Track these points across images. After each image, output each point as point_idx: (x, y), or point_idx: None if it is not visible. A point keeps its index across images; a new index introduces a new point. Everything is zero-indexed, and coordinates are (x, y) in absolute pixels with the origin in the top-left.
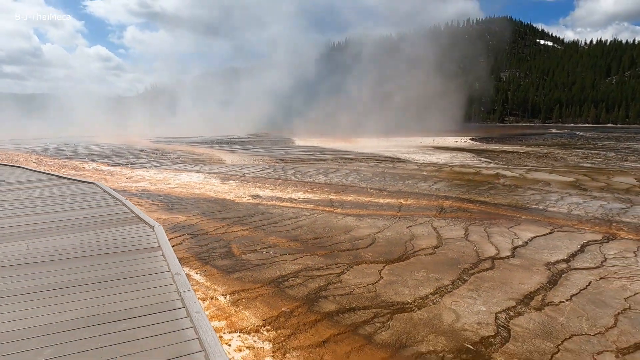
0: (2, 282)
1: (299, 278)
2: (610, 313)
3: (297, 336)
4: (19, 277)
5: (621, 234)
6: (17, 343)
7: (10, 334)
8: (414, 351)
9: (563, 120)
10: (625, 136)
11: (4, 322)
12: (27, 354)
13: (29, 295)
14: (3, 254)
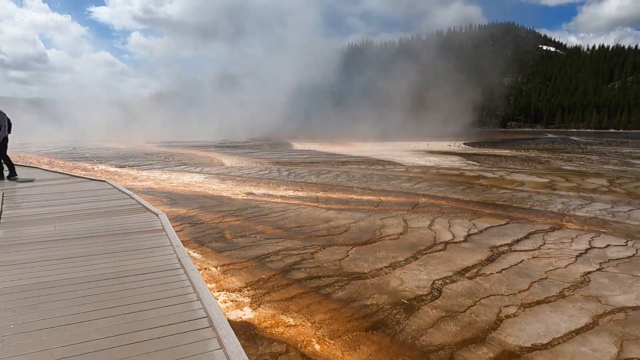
0: (39, 252)
1: (279, 255)
2: (528, 281)
3: (271, 294)
4: (51, 249)
5: (568, 225)
6: (58, 288)
7: (52, 284)
8: (360, 304)
9: (565, 125)
10: (618, 141)
11: (47, 277)
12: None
13: (61, 260)
14: (37, 233)
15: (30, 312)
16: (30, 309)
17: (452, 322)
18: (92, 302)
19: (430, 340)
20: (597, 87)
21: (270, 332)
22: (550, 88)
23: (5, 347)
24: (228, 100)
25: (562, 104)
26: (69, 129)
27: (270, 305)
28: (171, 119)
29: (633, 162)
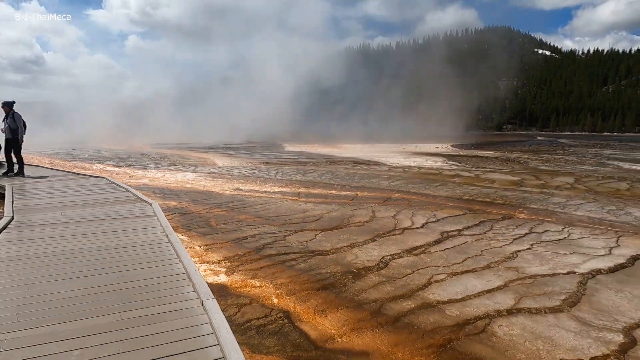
0: (49, 231)
1: (255, 238)
2: (464, 257)
3: (244, 265)
4: (59, 229)
5: (519, 215)
6: (67, 256)
7: (62, 253)
8: (317, 272)
9: (560, 128)
10: (605, 143)
11: (57, 248)
12: (74, 260)
13: (68, 237)
14: (47, 218)
15: (48, 271)
16: (47, 269)
17: (389, 285)
18: (95, 266)
19: (367, 296)
20: (591, 91)
21: (239, 290)
22: (545, 91)
23: (32, 292)
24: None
25: (557, 108)
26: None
27: (241, 273)
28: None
29: (607, 163)
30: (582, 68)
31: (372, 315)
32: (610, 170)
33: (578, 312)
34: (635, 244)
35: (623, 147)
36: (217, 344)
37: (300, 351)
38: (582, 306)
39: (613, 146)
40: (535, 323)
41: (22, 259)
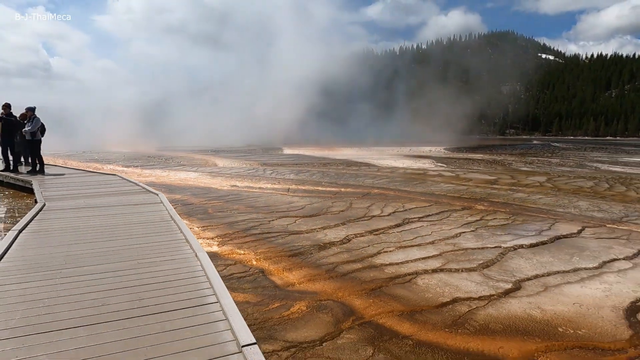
0: (75, 212)
1: (245, 222)
2: (415, 236)
3: (232, 240)
4: (83, 211)
5: (477, 206)
6: (91, 229)
7: (86, 228)
8: (290, 245)
9: (563, 132)
10: (597, 147)
11: (82, 224)
12: (96, 233)
13: (90, 217)
14: (72, 204)
15: (79, 237)
16: (78, 236)
17: (346, 254)
18: (113, 235)
19: (326, 261)
20: (594, 95)
21: (227, 256)
22: (548, 96)
23: (70, 251)
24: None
25: (559, 112)
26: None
27: (230, 245)
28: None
29: (587, 165)
30: (586, 72)
31: (326, 272)
32: (587, 171)
33: (487, 271)
34: (564, 228)
35: (614, 150)
36: (206, 280)
37: (267, 291)
38: (493, 268)
39: (604, 150)
40: (450, 277)
41: (59, 230)
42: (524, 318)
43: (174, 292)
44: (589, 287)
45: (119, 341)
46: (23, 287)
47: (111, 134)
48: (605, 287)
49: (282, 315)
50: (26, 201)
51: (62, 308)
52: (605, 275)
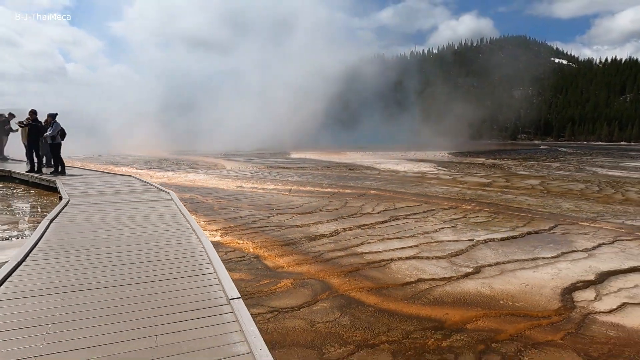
0: (96, 207)
1: (246, 217)
2: (397, 230)
3: (233, 232)
4: (103, 206)
5: (464, 206)
6: (111, 220)
7: (108, 220)
8: (285, 237)
9: (576, 138)
10: (604, 152)
11: (107, 215)
12: (115, 223)
13: (109, 210)
14: (93, 200)
15: (102, 225)
16: (102, 224)
17: (333, 244)
18: (130, 225)
19: (314, 249)
20: (608, 100)
21: (228, 244)
22: (561, 101)
23: (96, 236)
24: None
25: (572, 117)
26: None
27: (231, 236)
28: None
29: (586, 169)
30: (600, 77)
31: (312, 258)
32: (583, 175)
33: (454, 259)
34: (538, 225)
35: (620, 155)
36: (207, 257)
37: (260, 271)
38: (460, 256)
39: (610, 154)
40: (420, 263)
41: (83, 220)
42: (473, 294)
43: (180, 265)
44: (540, 272)
45: (137, 297)
46: (59, 262)
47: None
48: (554, 272)
49: (270, 289)
50: (50, 198)
51: (90, 276)
52: (559, 263)
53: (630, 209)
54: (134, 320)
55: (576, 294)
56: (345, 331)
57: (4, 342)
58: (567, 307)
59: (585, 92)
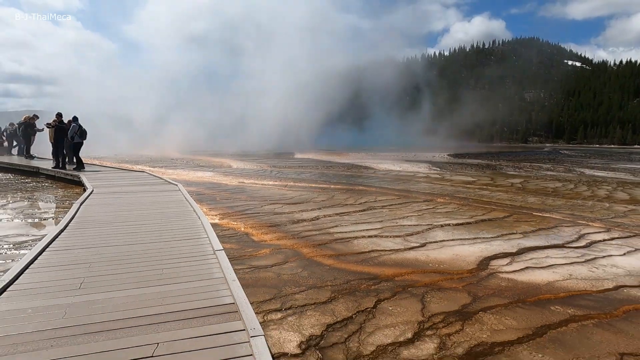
0: (117, 195)
1: (243, 206)
2: (370, 217)
3: (230, 216)
4: (122, 195)
5: (438, 199)
6: (130, 204)
7: (127, 203)
8: (272, 220)
9: (588, 141)
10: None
11: (125, 201)
12: (131, 208)
13: (127, 197)
14: (112, 190)
15: (122, 208)
16: (121, 208)
17: (311, 226)
18: (144, 209)
19: (294, 230)
20: (622, 103)
21: (224, 225)
22: (573, 103)
23: (116, 219)
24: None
25: (584, 120)
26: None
27: (227, 219)
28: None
29: (575, 170)
30: (613, 79)
31: (292, 235)
32: (568, 175)
33: (409, 237)
34: (495, 215)
35: (620, 158)
36: (203, 229)
37: (246, 243)
38: (414, 236)
39: (609, 157)
40: (379, 240)
41: (105, 204)
42: (410, 260)
43: (181, 233)
44: (473, 247)
45: (147, 252)
46: (89, 231)
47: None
48: (485, 247)
49: (251, 254)
50: (75, 190)
51: (112, 240)
52: (493, 241)
53: (588, 203)
54: (146, 266)
55: (493, 261)
56: (302, 279)
57: (61, 272)
58: (480, 269)
59: (599, 95)
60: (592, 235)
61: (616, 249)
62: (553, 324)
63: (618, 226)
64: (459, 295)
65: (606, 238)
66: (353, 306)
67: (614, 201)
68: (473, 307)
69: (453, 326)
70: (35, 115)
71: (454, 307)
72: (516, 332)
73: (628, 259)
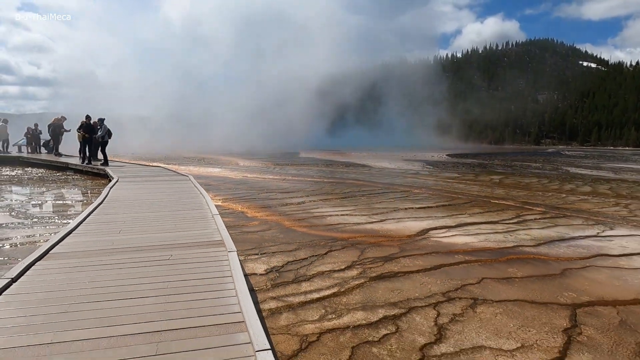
0: (137, 184)
1: (242, 194)
2: (348, 202)
3: (231, 201)
4: (142, 183)
5: (414, 191)
6: (149, 189)
7: (147, 188)
8: (265, 203)
9: (602, 142)
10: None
11: (145, 186)
12: (146, 194)
13: (147, 185)
14: (134, 180)
15: (142, 191)
16: (141, 192)
17: (296, 207)
18: (160, 194)
19: (282, 210)
20: (637, 104)
21: (225, 206)
22: (587, 105)
23: (137, 198)
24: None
25: (599, 121)
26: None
27: (228, 202)
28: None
29: (562, 168)
30: (629, 80)
31: (279, 213)
32: (552, 173)
33: (374, 216)
34: (456, 202)
35: (618, 159)
36: (209, 209)
37: (241, 218)
38: (379, 214)
39: (608, 158)
40: (348, 217)
41: (129, 189)
42: (367, 229)
43: (190, 207)
44: (422, 222)
45: (164, 219)
46: (118, 208)
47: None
48: (433, 222)
49: (244, 224)
50: (101, 181)
51: (136, 214)
52: (442, 219)
53: (548, 194)
54: (164, 225)
55: (432, 231)
56: (278, 239)
57: (97, 234)
58: (418, 235)
59: (614, 96)
60: (528, 216)
61: (539, 225)
62: (449, 263)
63: (556, 210)
64: (391, 249)
65: (538, 218)
66: (310, 252)
67: (573, 193)
68: (398, 255)
69: (376, 263)
70: (63, 117)
71: (383, 254)
72: (419, 267)
73: (542, 231)
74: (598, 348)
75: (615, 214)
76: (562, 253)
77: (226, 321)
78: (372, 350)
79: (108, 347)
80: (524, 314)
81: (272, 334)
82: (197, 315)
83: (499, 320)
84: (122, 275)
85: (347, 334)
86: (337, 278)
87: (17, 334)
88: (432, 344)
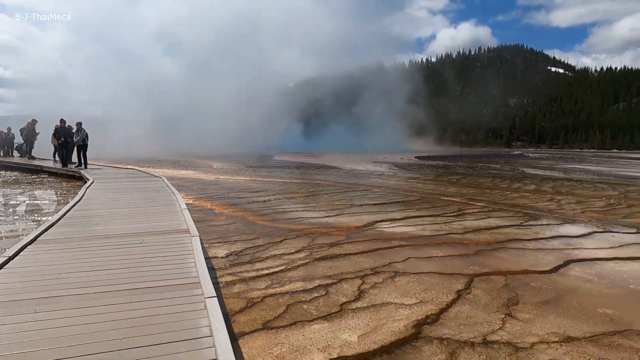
0: (112, 182)
1: (212, 193)
2: (311, 200)
3: (202, 199)
4: (117, 182)
5: (374, 190)
6: (124, 188)
7: (121, 187)
8: (233, 202)
9: (569, 145)
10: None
11: (120, 185)
12: (123, 191)
13: (121, 183)
14: (109, 180)
15: (117, 191)
16: (116, 191)
17: (262, 205)
18: (134, 192)
19: (248, 207)
20: (602, 109)
21: (196, 205)
22: (555, 109)
23: (114, 197)
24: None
25: (566, 125)
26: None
27: (199, 201)
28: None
29: (519, 169)
30: (594, 86)
31: (245, 210)
32: (509, 173)
33: (330, 211)
34: (410, 200)
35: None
36: (178, 205)
37: (209, 214)
38: (335, 210)
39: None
40: (308, 213)
41: (105, 189)
42: (322, 222)
43: (161, 204)
44: (372, 216)
45: (137, 212)
46: (96, 205)
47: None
48: (381, 216)
49: (211, 219)
50: (76, 183)
51: (112, 210)
52: (391, 213)
53: (495, 192)
54: (137, 216)
55: (379, 223)
56: (241, 230)
57: (77, 225)
58: (365, 226)
59: (580, 101)
60: (468, 210)
61: (473, 217)
62: (384, 247)
63: (495, 205)
64: (339, 237)
65: (475, 211)
66: (267, 241)
67: (517, 191)
68: (343, 241)
69: (323, 248)
70: (34, 119)
71: (331, 241)
72: (359, 250)
73: (473, 222)
74: (477, 302)
75: (544, 207)
76: (482, 239)
77: (186, 282)
78: (303, 306)
79: (94, 299)
80: (431, 281)
81: (225, 298)
82: (163, 278)
83: (409, 286)
84: (101, 254)
85: (285, 296)
86: (286, 259)
87: (18, 293)
88: (350, 302)
